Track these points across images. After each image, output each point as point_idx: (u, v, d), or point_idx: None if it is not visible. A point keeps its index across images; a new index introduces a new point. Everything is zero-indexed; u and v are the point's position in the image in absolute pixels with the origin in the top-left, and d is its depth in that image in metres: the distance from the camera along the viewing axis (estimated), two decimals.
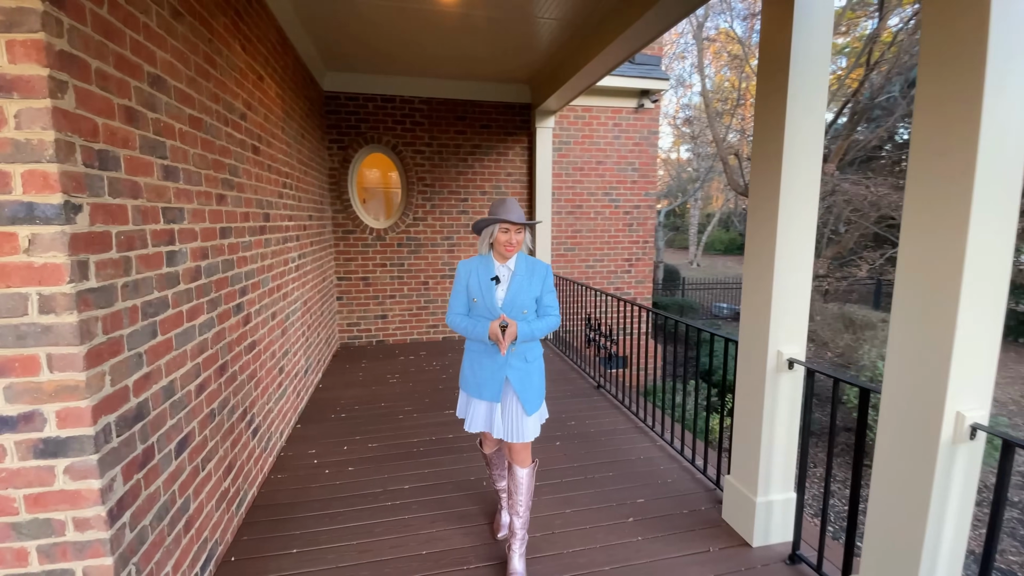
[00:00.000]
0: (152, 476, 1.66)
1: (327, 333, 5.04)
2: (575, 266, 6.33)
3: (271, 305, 3.09)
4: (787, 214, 2.10)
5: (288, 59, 3.75)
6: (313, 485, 2.79)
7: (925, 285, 1.50)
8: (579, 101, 5.95)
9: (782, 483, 2.27)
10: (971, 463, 1.51)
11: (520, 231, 2.04)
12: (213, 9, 2.31)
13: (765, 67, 2.15)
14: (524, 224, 2.03)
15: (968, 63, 1.36)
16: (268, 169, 3.12)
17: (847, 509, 1.86)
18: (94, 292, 1.39)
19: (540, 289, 2.11)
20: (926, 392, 1.51)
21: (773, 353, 2.18)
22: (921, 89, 1.49)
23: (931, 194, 1.47)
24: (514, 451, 2.10)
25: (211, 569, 2.08)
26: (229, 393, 2.36)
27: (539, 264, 2.13)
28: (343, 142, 5.40)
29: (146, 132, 1.69)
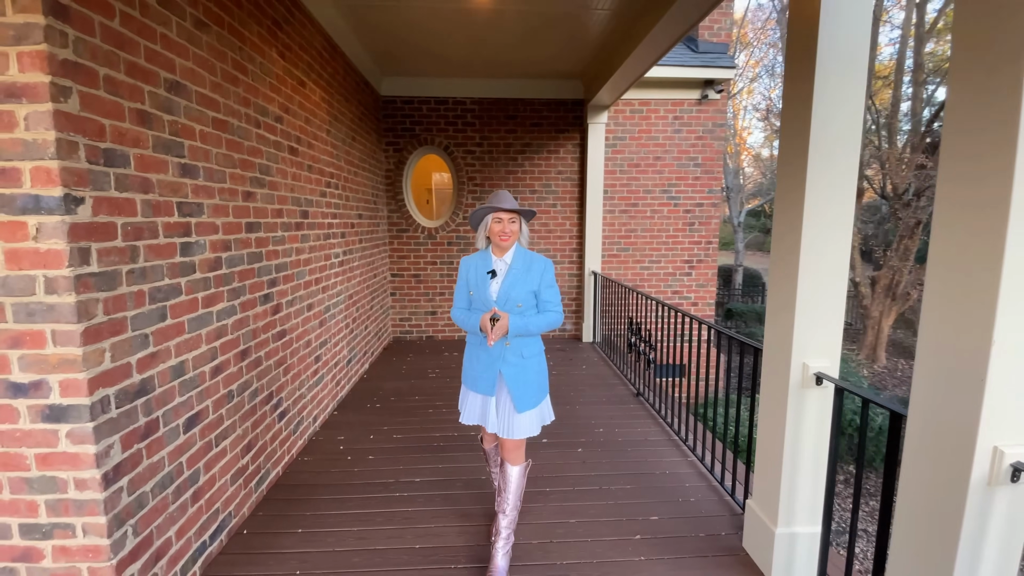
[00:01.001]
0: (156, 447, 1.82)
1: (377, 326, 5.26)
2: (629, 267, 6.07)
3: (307, 297, 3.27)
4: (815, 208, 1.84)
5: (337, 65, 3.96)
6: (333, 470, 2.91)
7: (957, 288, 1.23)
8: (636, 94, 5.70)
9: (809, 514, 2.00)
10: (1015, 511, 1.22)
11: (513, 220, 2.03)
12: (245, 19, 2.49)
13: (792, 44, 1.90)
14: (516, 212, 2.03)
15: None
16: (308, 169, 3.31)
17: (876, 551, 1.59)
18: (95, 276, 1.54)
19: (538, 284, 2.07)
20: (954, 420, 1.24)
21: (797, 366, 1.92)
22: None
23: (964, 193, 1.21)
24: (506, 448, 2.08)
25: (222, 539, 2.24)
26: (252, 377, 2.53)
27: (538, 259, 2.11)
28: (398, 144, 5.61)
29: (160, 133, 1.85)
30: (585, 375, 4.68)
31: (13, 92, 1.38)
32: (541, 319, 2.06)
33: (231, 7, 2.36)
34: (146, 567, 1.76)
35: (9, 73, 1.38)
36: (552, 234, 5.91)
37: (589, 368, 4.91)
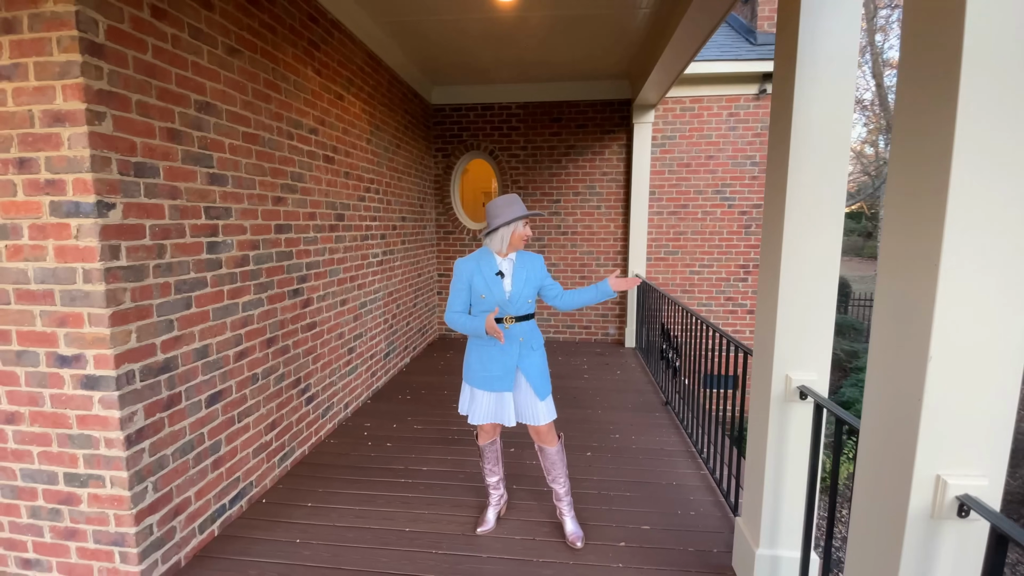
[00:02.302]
0: (178, 417, 2.11)
1: (421, 323, 5.52)
2: (677, 271, 5.85)
3: (341, 293, 3.55)
4: (798, 210, 1.73)
5: (380, 78, 4.25)
6: (353, 453, 3.15)
7: (898, 300, 1.14)
8: (687, 91, 5.49)
9: (793, 537, 1.87)
10: (963, 549, 1.10)
11: (534, 225, 2.17)
12: (279, 43, 2.78)
13: (777, 42, 1.80)
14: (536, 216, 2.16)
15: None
16: (345, 176, 3.59)
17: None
18: (123, 269, 1.84)
19: (541, 278, 2.23)
20: (895, 443, 1.14)
21: (780, 378, 1.81)
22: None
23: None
24: (540, 434, 2.24)
25: (242, 504, 2.52)
26: (279, 363, 2.81)
27: (531, 255, 2.25)
28: (447, 150, 5.85)
29: (190, 147, 2.15)
30: (617, 380, 4.61)
31: (59, 117, 1.70)
32: (589, 292, 2.23)
33: (264, 33, 2.65)
34: (165, 520, 2.05)
35: (56, 102, 1.69)
36: (596, 236, 5.86)
37: (624, 374, 4.81)
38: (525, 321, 2.19)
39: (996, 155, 0.98)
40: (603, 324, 6.04)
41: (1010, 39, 0.95)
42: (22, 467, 1.93)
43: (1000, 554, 0.99)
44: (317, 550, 2.23)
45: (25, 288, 1.81)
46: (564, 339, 6.07)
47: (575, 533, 2.28)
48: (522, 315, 2.18)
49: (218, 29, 2.31)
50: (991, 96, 0.96)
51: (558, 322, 6.06)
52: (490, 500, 2.44)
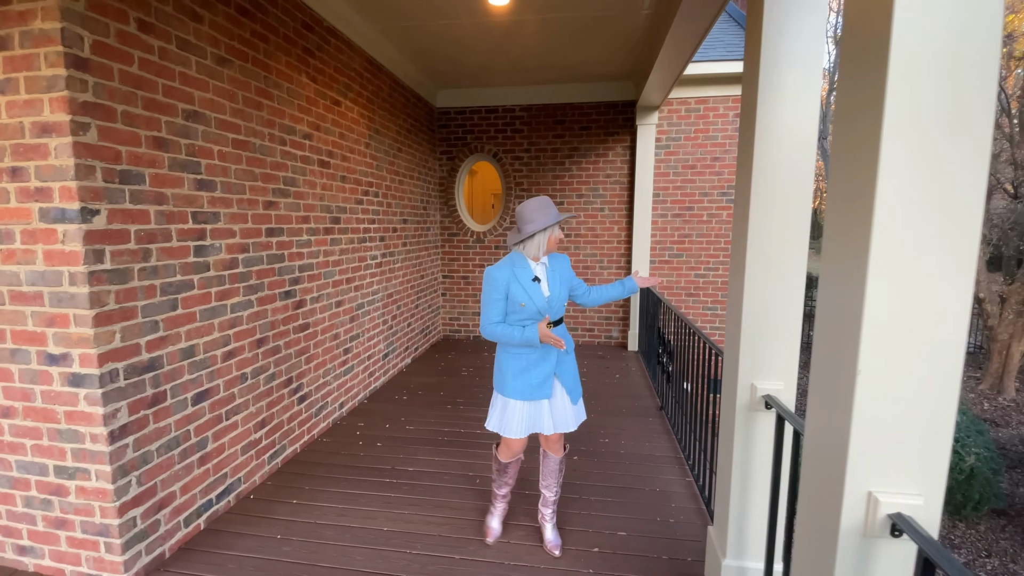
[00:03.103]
0: (163, 415, 2.19)
1: (423, 324, 5.59)
2: (682, 274, 5.79)
3: (337, 295, 3.62)
4: (762, 211, 1.71)
5: (381, 83, 4.31)
6: (343, 452, 3.21)
7: (833, 310, 1.12)
8: (692, 92, 5.43)
9: (759, 548, 1.85)
10: (897, 571, 1.08)
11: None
12: (272, 51, 2.86)
13: (746, 43, 1.78)
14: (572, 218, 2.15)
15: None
16: (342, 180, 3.66)
17: None
18: (108, 272, 1.92)
19: (571, 277, 2.24)
20: (828, 458, 1.13)
21: (745, 387, 1.79)
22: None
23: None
24: (552, 441, 2.25)
25: (229, 500, 2.60)
26: (269, 362, 2.89)
27: (559, 256, 2.24)
28: (451, 153, 5.91)
29: (176, 155, 2.22)
30: (616, 384, 4.59)
31: (46, 129, 1.78)
32: (615, 288, 2.29)
33: (256, 42, 2.73)
34: (149, 513, 2.13)
35: (44, 114, 1.78)
36: (599, 238, 5.83)
37: (624, 378, 4.79)
38: (560, 325, 2.18)
39: (916, 187, 0.96)
40: (606, 327, 6.01)
41: (918, 58, 0.93)
42: (17, 459, 2.04)
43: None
44: (296, 547, 2.29)
45: (18, 290, 1.90)
46: None
47: (553, 542, 2.28)
48: (557, 319, 2.16)
49: (207, 40, 2.39)
50: (908, 163, 0.95)
51: None
52: (495, 510, 2.40)
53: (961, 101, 0.94)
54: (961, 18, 0.92)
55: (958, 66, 0.93)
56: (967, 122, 0.94)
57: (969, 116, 0.94)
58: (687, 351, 3.17)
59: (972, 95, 0.93)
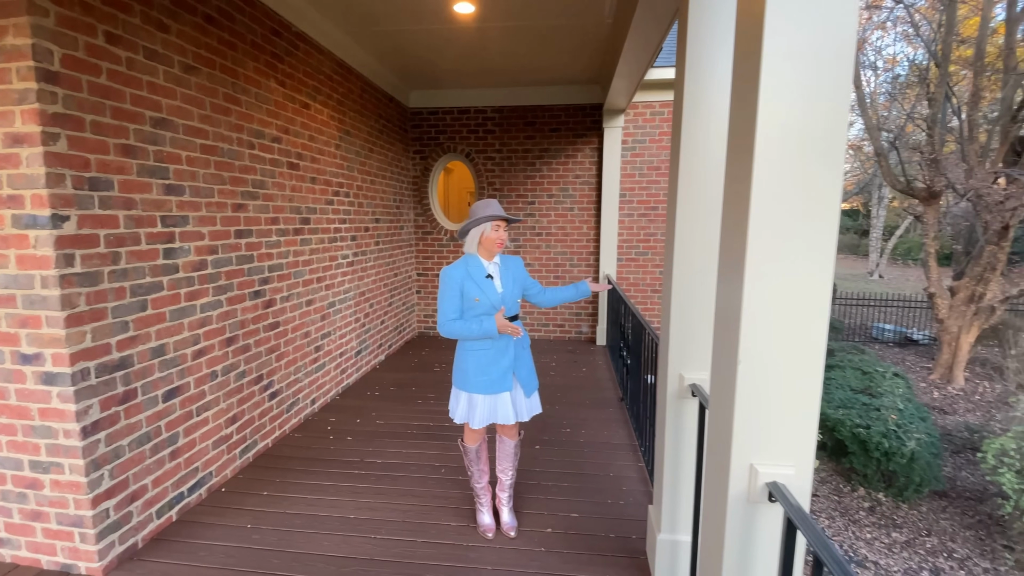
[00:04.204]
0: (134, 411, 2.29)
1: (397, 321, 5.70)
2: (648, 271, 6.01)
3: (307, 294, 3.73)
4: (686, 213, 1.89)
5: (352, 85, 4.41)
6: (314, 446, 3.33)
7: (723, 309, 1.30)
8: (656, 96, 5.63)
9: (688, 522, 2.04)
10: (776, 530, 1.26)
11: (506, 227, 2.30)
12: (240, 58, 2.94)
13: (679, 40, 1.96)
14: (510, 220, 2.27)
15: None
16: (312, 181, 3.76)
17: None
18: (78, 275, 2.01)
19: (524, 277, 2.39)
20: (719, 434, 1.31)
21: (675, 377, 1.98)
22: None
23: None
24: (507, 428, 2.39)
25: (201, 492, 2.71)
26: (239, 360, 2.99)
27: (511, 257, 2.39)
28: (424, 152, 6.02)
29: (145, 161, 2.31)
30: (582, 377, 4.78)
31: (18, 139, 1.87)
32: (568, 291, 2.44)
33: (224, 50, 2.81)
34: (121, 505, 2.23)
35: (16, 126, 1.86)
36: (569, 237, 6.02)
37: (590, 371, 4.99)
38: (515, 321, 2.32)
39: (782, 203, 1.14)
40: (576, 323, 6.21)
41: (783, 125, 1.12)
42: None
43: (791, 538, 1.16)
44: (265, 535, 2.42)
45: None
46: (539, 336, 6.24)
47: (510, 524, 2.44)
48: (512, 315, 2.31)
49: (174, 49, 2.47)
50: (772, 178, 1.13)
51: (533, 320, 6.24)
52: (482, 505, 2.49)
53: (816, 141, 1.12)
54: (819, 46, 1.10)
55: (815, 93, 1.11)
56: (823, 147, 1.13)
57: (824, 146, 1.13)
58: (642, 344, 3.37)
59: (825, 133, 1.12)
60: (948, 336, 7.91)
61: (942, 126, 8.13)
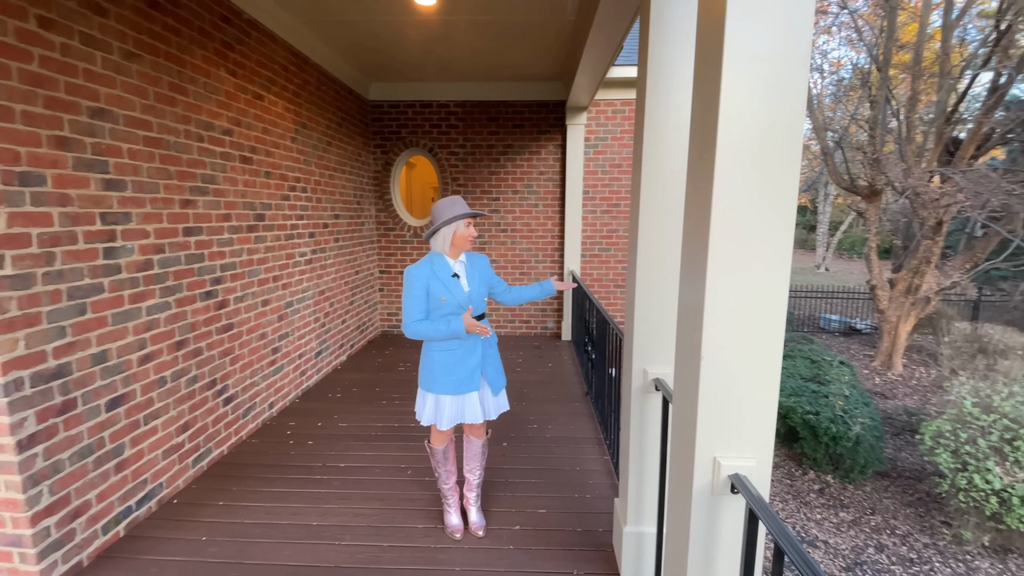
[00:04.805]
0: (74, 422, 2.13)
1: (359, 320, 5.57)
2: (611, 267, 6.11)
3: (263, 293, 3.58)
4: (648, 212, 1.92)
5: (308, 76, 4.25)
6: (272, 452, 3.21)
7: (686, 307, 1.33)
8: (617, 95, 5.71)
9: (652, 514, 2.09)
10: (739, 520, 1.30)
11: (477, 225, 2.25)
12: (186, 45, 2.78)
13: (640, 42, 1.98)
14: (479, 216, 2.22)
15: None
16: (266, 176, 3.61)
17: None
18: (9, 278, 1.85)
19: (490, 275, 2.36)
20: (686, 431, 1.34)
21: (639, 371, 2.01)
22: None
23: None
24: (475, 427, 2.37)
25: (151, 505, 2.57)
26: (190, 365, 2.84)
27: (476, 255, 2.35)
28: (385, 146, 5.89)
29: (82, 154, 2.15)
30: (548, 372, 4.81)
31: None
32: (533, 290, 2.44)
33: (168, 36, 2.65)
34: (63, 522, 2.08)
35: None
36: (534, 233, 6.03)
37: (556, 366, 5.03)
38: (482, 320, 2.29)
39: (743, 203, 1.17)
40: (542, 319, 6.25)
41: (743, 127, 1.14)
42: None
43: (753, 528, 1.20)
44: (222, 547, 2.31)
45: None
46: (505, 333, 6.24)
47: (478, 523, 2.42)
48: (479, 314, 2.28)
49: (113, 35, 2.31)
50: (734, 174, 1.15)
51: (500, 317, 6.23)
52: (449, 506, 2.45)
53: (772, 151, 1.15)
54: (777, 55, 1.13)
55: (774, 95, 1.14)
56: (781, 147, 1.16)
57: (780, 155, 1.16)
58: (606, 339, 3.42)
59: (781, 146, 1.15)
60: (888, 325, 8.42)
61: (883, 127, 8.61)
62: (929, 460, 4.88)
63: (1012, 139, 8.09)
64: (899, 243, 9.60)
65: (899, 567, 4.36)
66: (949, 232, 8.12)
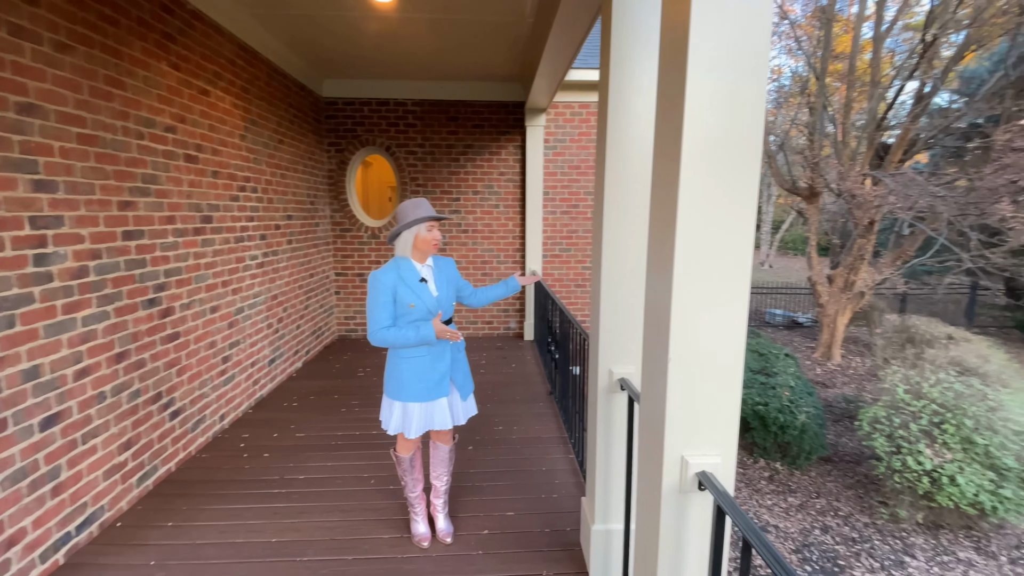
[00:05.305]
0: (4, 444, 1.95)
1: (314, 325, 5.39)
2: (571, 267, 6.19)
3: (211, 300, 3.40)
4: (612, 216, 1.95)
5: (257, 71, 4.07)
6: (226, 467, 3.06)
7: (653, 312, 1.35)
8: (575, 97, 5.78)
9: (620, 511, 2.13)
10: (706, 516, 1.34)
11: (440, 226, 2.19)
12: (124, 36, 2.60)
13: (602, 51, 2.01)
14: (442, 219, 2.18)
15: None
16: (213, 175, 3.42)
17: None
18: None
19: (458, 279, 2.34)
20: (654, 428, 1.37)
21: (605, 372, 2.04)
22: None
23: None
24: (442, 433, 2.32)
25: (92, 530, 2.38)
26: (132, 378, 2.66)
27: (443, 258, 2.31)
28: (340, 145, 5.72)
29: (8, 153, 1.97)
30: (511, 373, 4.82)
31: None
32: (499, 288, 2.44)
33: (104, 26, 2.46)
34: None
35: None
36: (496, 234, 6.02)
37: (519, 367, 5.04)
38: (450, 324, 2.24)
39: (707, 206, 1.21)
40: (504, 319, 6.25)
41: (707, 136, 1.18)
42: None
43: (721, 522, 1.24)
44: (173, 571, 2.18)
45: None
46: (468, 334, 6.20)
47: (446, 530, 2.39)
48: (447, 318, 2.23)
49: (45, 25, 2.12)
50: (697, 173, 1.19)
51: (462, 318, 6.18)
52: (416, 515, 2.40)
53: (734, 159, 1.19)
54: (736, 71, 1.17)
55: (735, 100, 1.18)
56: (743, 150, 1.20)
57: (740, 163, 1.20)
58: (570, 339, 3.45)
59: (741, 154, 1.19)
60: (827, 319, 8.96)
61: (820, 132, 9.14)
62: (867, 444, 5.22)
63: (934, 144, 8.78)
64: (836, 241, 10.23)
65: (842, 546, 4.65)
66: (880, 231, 8.73)
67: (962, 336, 7.47)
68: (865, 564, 4.43)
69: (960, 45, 7.63)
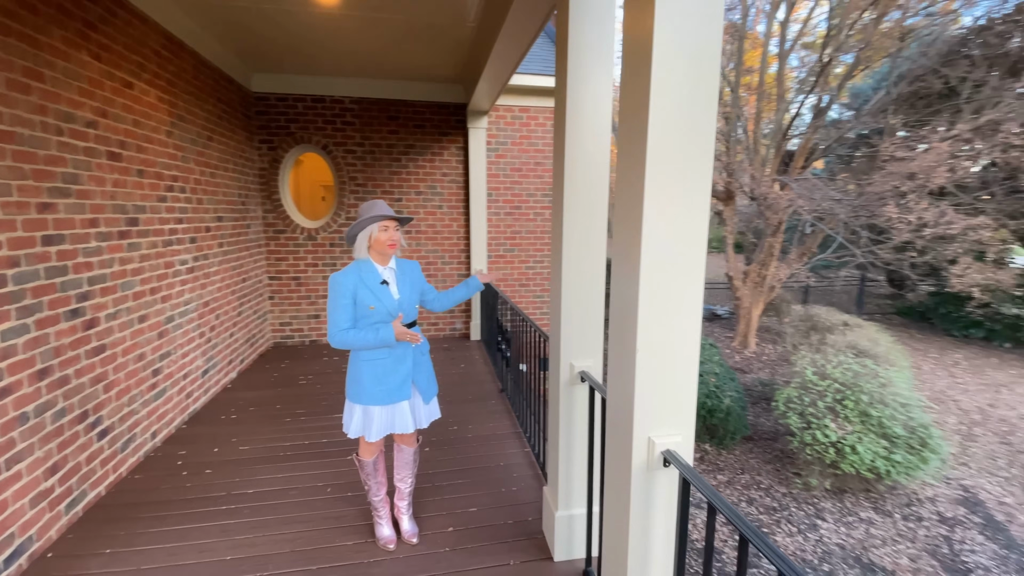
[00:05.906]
0: None
1: (248, 332, 5.12)
2: (515, 267, 6.32)
3: (139, 308, 3.16)
4: (573, 217, 2.07)
5: (184, 64, 3.81)
6: (164, 486, 2.86)
7: (620, 305, 1.48)
8: (516, 101, 5.92)
9: (582, 496, 2.26)
10: (671, 490, 1.49)
11: (398, 227, 2.17)
12: (42, 25, 2.36)
13: (558, 51, 2.12)
14: (400, 220, 2.17)
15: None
16: (139, 174, 3.18)
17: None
18: None
19: (422, 282, 2.35)
20: (623, 412, 1.50)
21: (566, 365, 2.16)
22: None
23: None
24: (405, 436, 2.34)
25: (21, 563, 2.16)
26: (57, 396, 2.43)
27: (408, 262, 2.31)
28: (272, 142, 5.47)
29: None
30: (461, 373, 4.86)
31: None
32: (461, 290, 2.44)
33: (21, 13, 2.24)
34: None
35: None
36: (440, 235, 6.02)
37: (468, 366, 5.08)
38: (413, 327, 2.23)
39: (669, 207, 1.35)
40: (450, 319, 6.26)
41: (672, 129, 1.32)
42: None
43: (686, 493, 1.38)
44: None
45: None
46: None
47: (411, 531, 2.40)
48: (410, 322, 2.22)
49: None
50: (663, 168, 1.33)
51: None
52: (380, 518, 2.40)
53: (690, 167, 1.34)
54: (694, 75, 1.31)
55: (693, 108, 1.33)
56: (698, 155, 1.35)
57: (695, 168, 1.35)
58: (521, 336, 3.57)
59: (696, 158, 1.34)
60: (743, 310, 9.78)
61: (734, 139, 9.94)
62: (782, 423, 5.79)
63: (829, 153, 9.85)
64: (751, 239, 11.17)
65: (765, 515, 5.14)
66: (787, 230, 9.66)
67: (855, 323, 8.46)
68: (784, 530, 4.94)
69: (850, 65, 8.63)
